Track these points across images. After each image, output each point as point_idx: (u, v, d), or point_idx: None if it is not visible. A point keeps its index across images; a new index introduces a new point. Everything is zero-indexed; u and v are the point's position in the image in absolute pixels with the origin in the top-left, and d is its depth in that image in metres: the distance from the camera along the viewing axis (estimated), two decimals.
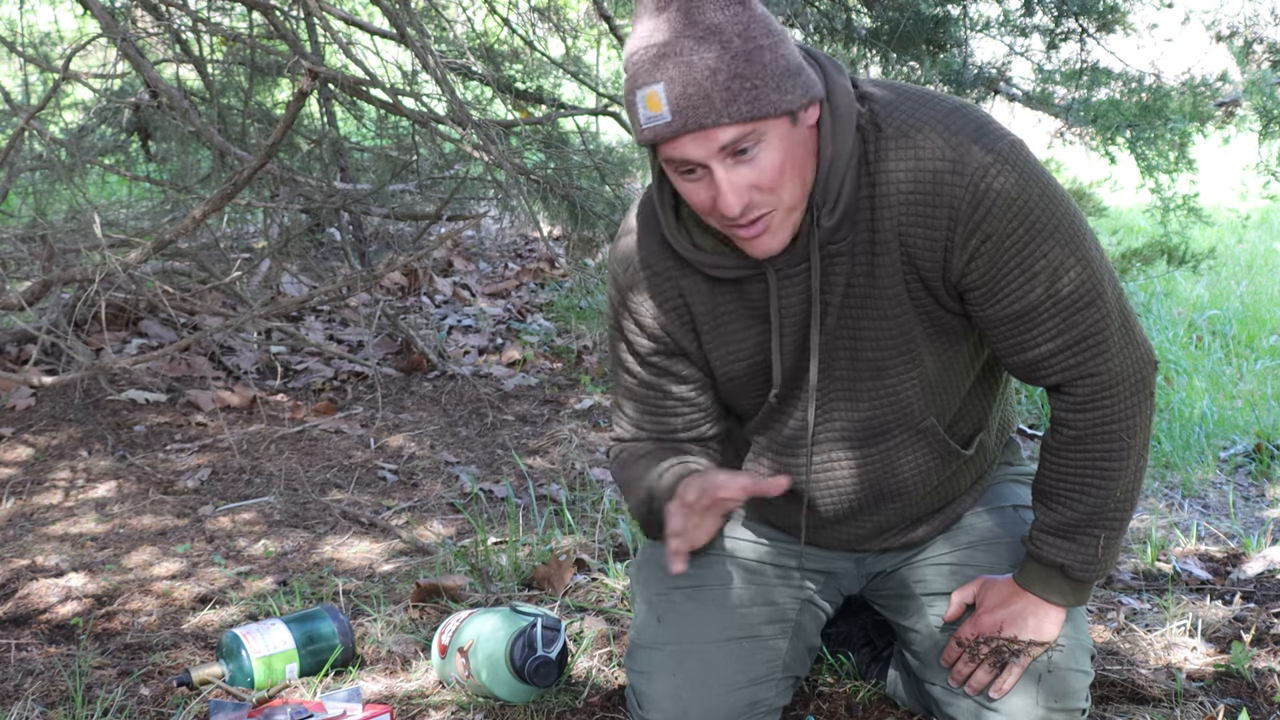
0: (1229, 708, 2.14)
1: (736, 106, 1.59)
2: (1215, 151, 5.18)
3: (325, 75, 3.11)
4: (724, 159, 1.63)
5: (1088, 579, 1.89)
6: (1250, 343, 4.83)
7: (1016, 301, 1.75)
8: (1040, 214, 1.72)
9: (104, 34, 3.29)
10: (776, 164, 1.64)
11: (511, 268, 5.63)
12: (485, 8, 4.69)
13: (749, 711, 1.97)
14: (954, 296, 1.79)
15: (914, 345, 1.83)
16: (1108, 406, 1.80)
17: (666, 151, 1.65)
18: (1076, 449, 1.84)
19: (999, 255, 1.72)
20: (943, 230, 1.73)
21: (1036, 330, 1.77)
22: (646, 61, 1.61)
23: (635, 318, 1.91)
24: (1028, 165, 1.72)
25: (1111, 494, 1.85)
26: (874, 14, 4.10)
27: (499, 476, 3.43)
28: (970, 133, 1.71)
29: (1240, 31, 4.55)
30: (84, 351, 3.48)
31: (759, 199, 1.66)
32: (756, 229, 1.69)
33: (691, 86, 1.59)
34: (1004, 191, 1.70)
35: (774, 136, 1.63)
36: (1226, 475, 3.48)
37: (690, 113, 1.59)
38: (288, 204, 3.95)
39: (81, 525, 3.07)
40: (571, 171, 3.91)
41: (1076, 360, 1.78)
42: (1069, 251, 1.73)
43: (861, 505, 1.97)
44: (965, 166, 1.70)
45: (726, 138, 1.61)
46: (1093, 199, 4.80)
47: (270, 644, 2.28)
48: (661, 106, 1.60)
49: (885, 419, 1.90)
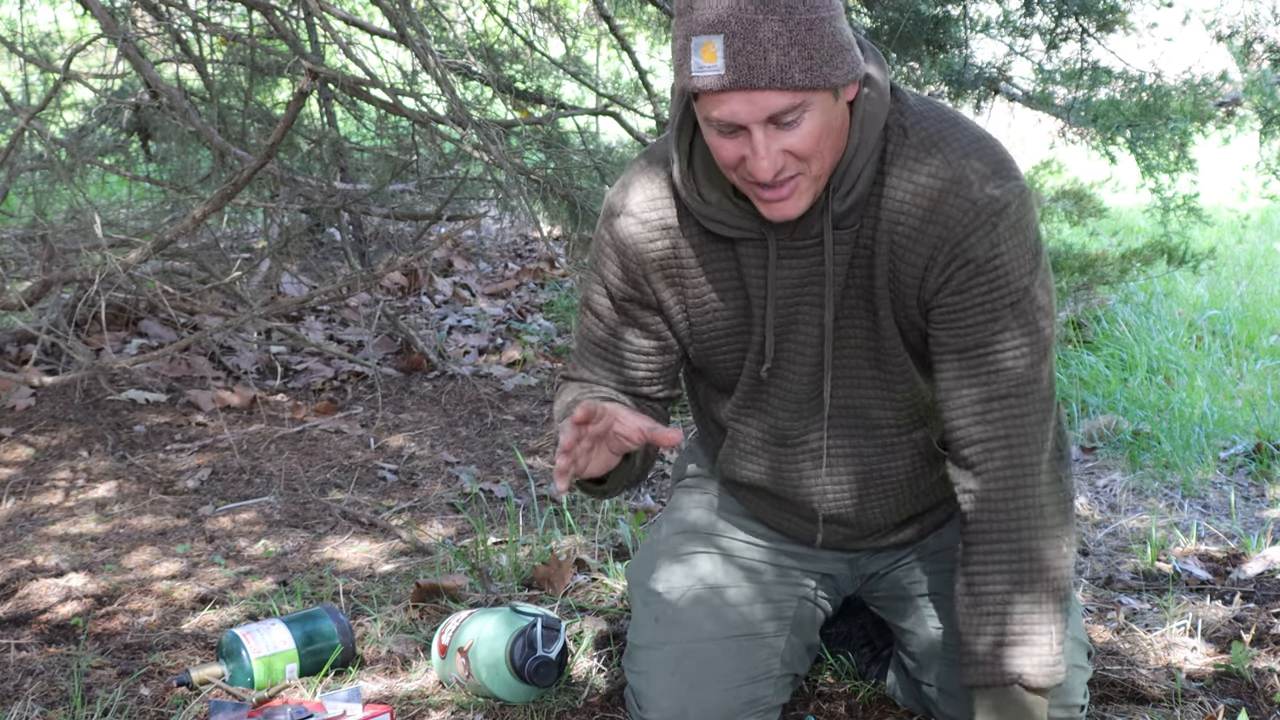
0: (1229, 708, 2.14)
1: (792, 74, 1.59)
2: (1215, 151, 5.17)
3: (325, 75, 3.11)
4: (765, 124, 1.62)
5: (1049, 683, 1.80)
6: (1250, 343, 4.82)
7: (971, 335, 1.76)
8: (1025, 262, 1.73)
9: (104, 34, 3.29)
10: (815, 133, 1.64)
11: (511, 268, 5.63)
12: (485, 8, 4.69)
13: (748, 710, 1.97)
14: (922, 314, 1.79)
15: (897, 347, 1.83)
16: (1017, 478, 1.78)
17: (709, 107, 1.63)
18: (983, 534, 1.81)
19: (974, 284, 1.73)
20: (928, 247, 1.73)
21: (986, 368, 1.77)
22: (709, 8, 1.59)
23: (620, 259, 1.88)
24: (1032, 214, 1.74)
25: (1040, 582, 1.78)
26: (874, 14, 4.10)
27: (499, 476, 3.43)
28: (987, 165, 1.73)
29: (1240, 31, 4.55)
30: (84, 351, 3.48)
31: (790, 164, 1.66)
32: (782, 192, 1.68)
33: (751, 44, 1.57)
34: (998, 228, 1.71)
35: (817, 108, 1.63)
36: (1226, 475, 3.48)
37: (745, 71, 1.58)
38: (288, 204, 3.96)
39: (81, 525, 3.07)
40: (571, 171, 3.91)
41: (996, 417, 1.77)
42: (1026, 320, 1.75)
43: (858, 501, 1.97)
44: (970, 193, 1.71)
45: (777, 105, 1.60)
46: (1093, 199, 4.79)
47: (270, 644, 2.28)
48: (717, 58, 1.59)
49: (880, 413, 1.90)
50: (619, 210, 1.88)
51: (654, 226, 1.85)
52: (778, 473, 1.97)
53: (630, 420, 1.71)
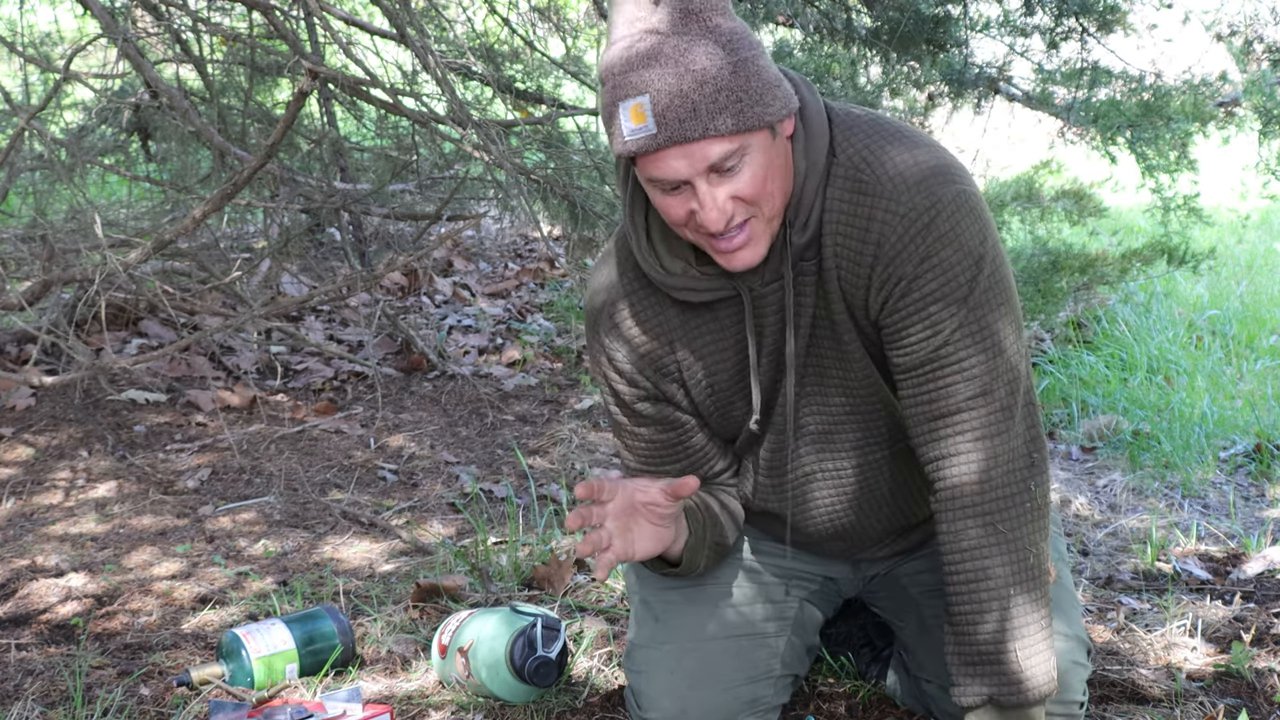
0: (1229, 708, 2.14)
1: (723, 119, 1.56)
2: (1215, 151, 5.17)
3: (325, 75, 3.11)
4: (707, 174, 1.60)
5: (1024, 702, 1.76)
6: (1250, 343, 4.82)
7: (916, 353, 1.72)
8: (961, 271, 1.67)
9: (104, 34, 3.29)
10: (759, 176, 1.62)
11: (511, 268, 5.63)
12: (485, 8, 4.68)
13: (748, 709, 1.97)
14: (877, 335, 1.77)
15: (867, 372, 1.81)
16: (978, 494, 1.73)
17: (648, 167, 1.61)
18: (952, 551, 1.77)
19: (908, 300, 1.69)
20: (866, 267, 1.70)
21: (932, 385, 1.72)
22: (630, 71, 1.57)
23: (614, 364, 1.87)
24: (969, 218, 1.68)
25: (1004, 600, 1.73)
26: (874, 14, 4.10)
27: (499, 476, 3.43)
28: (920, 173, 1.68)
29: (1240, 31, 4.56)
30: (84, 351, 3.48)
31: (740, 210, 1.63)
32: (737, 241, 1.65)
33: (678, 99, 1.55)
34: (928, 240, 1.66)
35: (756, 149, 1.61)
36: (1226, 475, 3.48)
37: (676, 125, 1.56)
38: (288, 204, 3.95)
39: (81, 525, 3.07)
40: (571, 171, 3.91)
41: (945, 434, 1.73)
42: (974, 332, 1.69)
43: (852, 519, 1.97)
44: (896, 206, 1.67)
45: (715, 154, 1.58)
46: (1093, 199, 4.80)
47: (270, 644, 2.28)
48: (646, 118, 1.56)
49: (858, 437, 1.88)
50: (597, 324, 1.87)
51: (641, 314, 1.84)
52: (765, 498, 1.97)
53: (647, 484, 1.75)
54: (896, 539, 2.03)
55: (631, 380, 1.87)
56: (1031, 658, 1.75)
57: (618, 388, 1.89)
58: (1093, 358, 4.54)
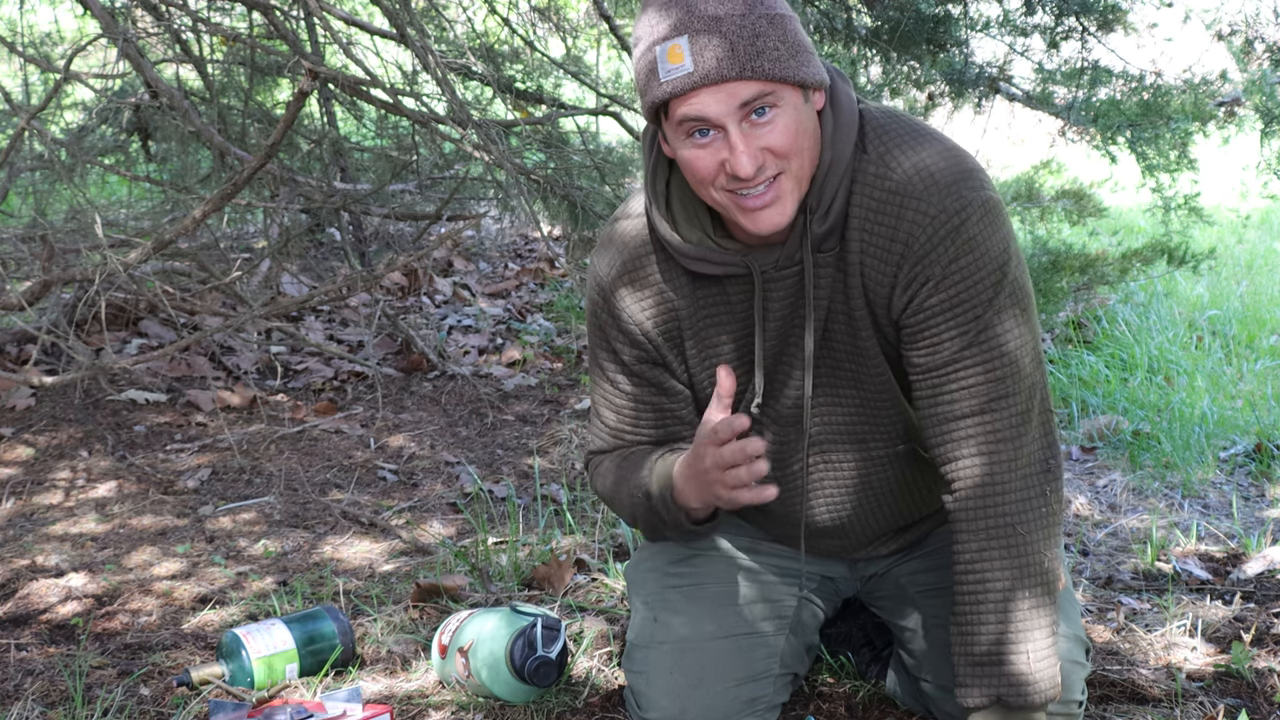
0: (1229, 708, 2.13)
1: (760, 63, 1.60)
2: (1215, 151, 5.17)
3: (325, 75, 3.11)
4: (740, 119, 1.62)
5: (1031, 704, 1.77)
6: (1250, 343, 4.82)
7: (937, 354, 1.73)
8: (986, 275, 1.70)
9: (104, 34, 3.29)
10: (791, 130, 1.64)
11: (511, 268, 5.63)
12: (485, 8, 4.68)
13: (747, 708, 1.97)
14: (896, 334, 1.77)
15: (881, 369, 1.81)
16: (997, 495, 1.75)
17: (681, 108, 1.63)
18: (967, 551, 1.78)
19: (933, 301, 1.71)
20: (892, 266, 1.72)
21: (952, 386, 1.74)
22: (668, 18, 1.61)
23: (619, 322, 1.88)
24: (995, 224, 1.70)
25: (1017, 600, 1.75)
26: (874, 13, 4.10)
27: (499, 476, 3.43)
28: (951, 176, 1.69)
29: (1240, 30, 4.55)
30: (84, 351, 3.48)
31: (771, 162, 1.65)
32: (766, 197, 1.66)
33: (716, 38, 1.59)
34: (957, 243, 1.68)
35: (789, 104, 1.64)
36: (1226, 475, 3.48)
37: (714, 64, 1.59)
38: (288, 204, 3.96)
39: (81, 525, 3.08)
40: (571, 171, 3.91)
41: (963, 436, 1.74)
42: (994, 336, 1.71)
43: (851, 515, 1.97)
44: (932, 206, 1.68)
45: (747, 93, 1.60)
46: (1093, 199, 4.80)
47: (270, 644, 2.29)
48: (684, 58, 1.60)
49: (865, 433, 1.89)
50: (606, 282, 1.87)
51: (648, 279, 1.84)
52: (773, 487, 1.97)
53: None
54: (893, 538, 2.03)
55: (634, 341, 1.88)
56: (1040, 660, 1.76)
57: (617, 346, 1.89)
58: (1093, 358, 4.54)
